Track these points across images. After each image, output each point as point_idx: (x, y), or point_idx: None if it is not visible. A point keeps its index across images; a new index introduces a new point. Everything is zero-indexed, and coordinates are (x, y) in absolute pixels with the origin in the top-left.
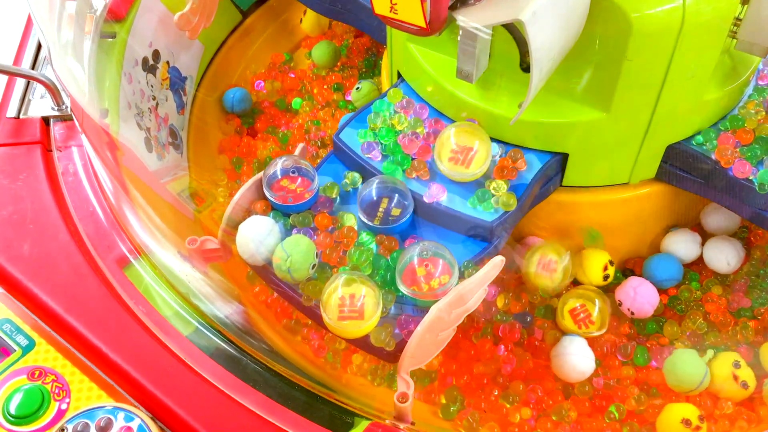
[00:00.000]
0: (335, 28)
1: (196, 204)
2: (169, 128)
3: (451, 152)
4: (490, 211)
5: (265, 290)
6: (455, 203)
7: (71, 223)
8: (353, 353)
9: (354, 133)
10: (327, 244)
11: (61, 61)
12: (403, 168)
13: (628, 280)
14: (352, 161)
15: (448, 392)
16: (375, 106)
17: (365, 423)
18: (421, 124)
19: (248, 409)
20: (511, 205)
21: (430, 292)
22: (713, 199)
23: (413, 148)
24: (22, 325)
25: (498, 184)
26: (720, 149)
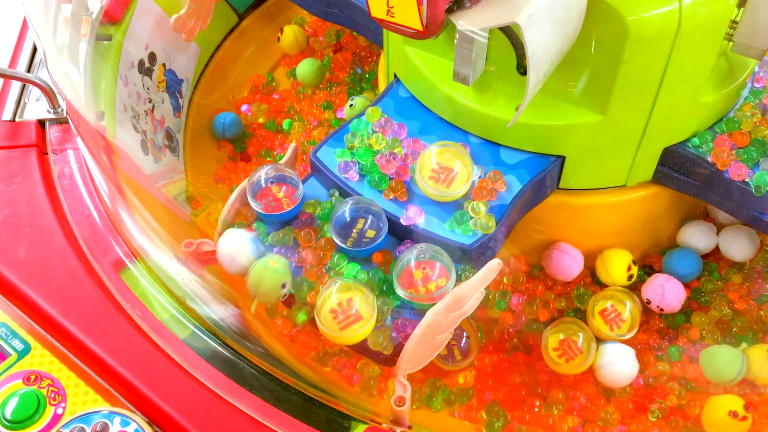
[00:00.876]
0: (313, 44)
1: (192, 207)
2: (165, 131)
3: (432, 171)
4: (468, 234)
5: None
6: (432, 226)
7: (67, 227)
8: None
9: (331, 152)
10: (309, 261)
11: (57, 64)
12: (381, 189)
13: (654, 278)
14: (329, 181)
15: (488, 408)
16: (352, 125)
17: (362, 427)
18: (399, 144)
19: (245, 413)
20: (490, 227)
21: (427, 295)
22: (710, 202)
23: (391, 169)
24: (18, 330)
25: (476, 206)
26: (716, 152)
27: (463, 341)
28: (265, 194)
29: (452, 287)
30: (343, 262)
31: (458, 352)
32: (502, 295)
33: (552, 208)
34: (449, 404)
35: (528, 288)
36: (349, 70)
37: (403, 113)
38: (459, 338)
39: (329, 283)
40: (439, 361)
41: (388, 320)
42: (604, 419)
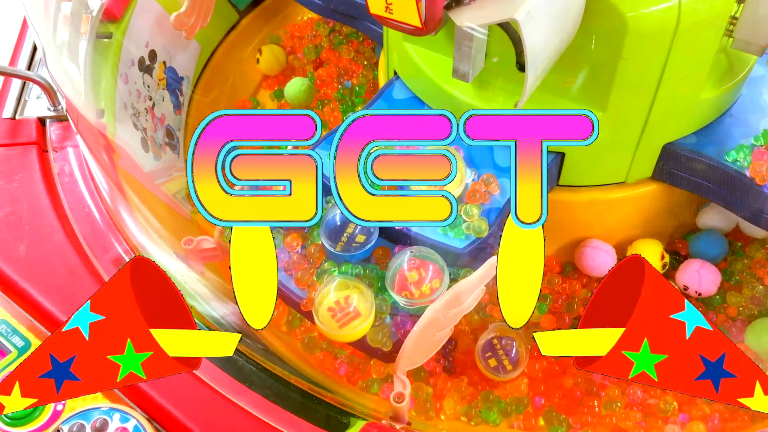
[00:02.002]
0: (293, 62)
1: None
2: (165, 128)
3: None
4: (461, 237)
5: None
6: (425, 229)
7: (67, 224)
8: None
9: (324, 155)
10: (299, 266)
11: (57, 62)
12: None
13: (688, 264)
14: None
15: (546, 415)
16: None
17: (361, 423)
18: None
19: (244, 410)
20: (483, 231)
21: (421, 297)
22: (744, 217)
23: None
24: (18, 326)
25: (470, 209)
26: (754, 166)
27: (513, 351)
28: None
29: (446, 288)
30: (334, 268)
31: (508, 362)
32: (542, 298)
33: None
34: (506, 415)
35: (565, 288)
36: (338, 86)
37: (409, 102)
38: (509, 348)
39: (327, 281)
40: (490, 372)
41: (387, 317)
42: (663, 410)
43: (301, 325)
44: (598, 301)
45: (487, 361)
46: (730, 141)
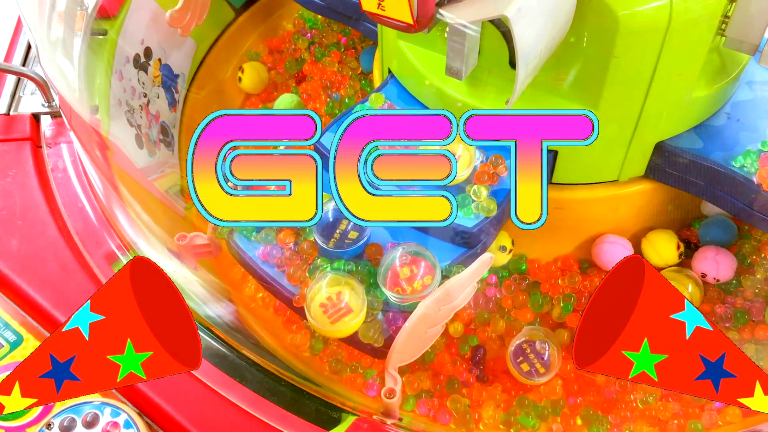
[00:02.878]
0: (275, 78)
1: (185, 200)
2: (160, 125)
3: None
4: (470, 216)
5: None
6: None
7: (60, 219)
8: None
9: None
10: (292, 262)
11: (50, 59)
12: None
13: (703, 252)
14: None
15: (584, 415)
16: (356, 110)
17: (352, 418)
18: None
19: (235, 405)
20: (492, 210)
21: (413, 294)
22: (746, 221)
23: None
24: (10, 321)
25: (478, 189)
26: (761, 172)
27: (545, 354)
28: None
29: (438, 285)
30: (326, 264)
31: (541, 366)
32: (566, 298)
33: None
34: (543, 419)
35: (586, 285)
36: (327, 100)
37: (405, 100)
38: (540, 352)
39: (319, 277)
40: (523, 377)
41: (379, 313)
42: (699, 398)
43: (325, 348)
44: (598, 301)
45: (520, 366)
46: (737, 146)
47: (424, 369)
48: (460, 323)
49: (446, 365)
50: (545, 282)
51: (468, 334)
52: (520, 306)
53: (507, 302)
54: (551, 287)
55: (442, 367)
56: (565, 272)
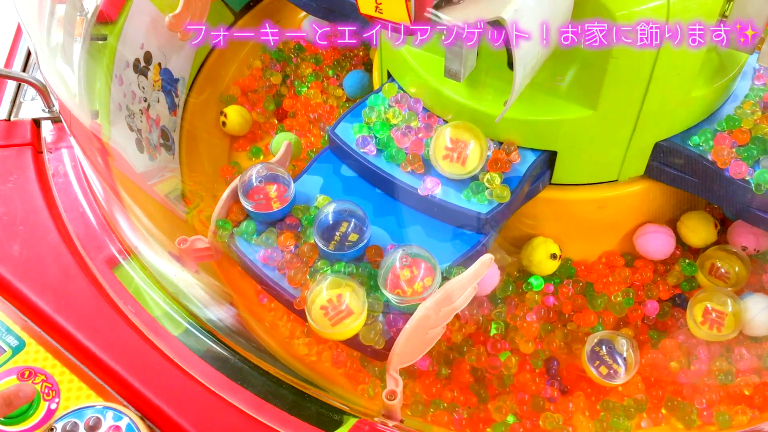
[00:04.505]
0: (257, 118)
1: (186, 204)
2: (160, 129)
3: (446, 149)
4: (484, 203)
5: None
6: (449, 195)
7: (61, 224)
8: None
9: (349, 127)
10: (292, 265)
11: (50, 64)
12: (398, 162)
13: (739, 226)
14: (347, 155)
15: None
16: (370, 100)
17: (353, 420)
18: (416, 118)
19: (237, 408)
20: (505, 197)
21: (414, 295)
22: (710, 199)
23: (407, 142)
24: (12, 326)
25: (492, 177)
26: (716, 150)
27: (623, 353)
28: (257, 193)
29: (438, 286)
30: (326, 266)
31: (618, 366)
32: (625, 293)
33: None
34: (630, 417)
35: (637, 278)
36: (321, 133)
37: None
38: (615, 352)
39: (319, 279)
40: (604, 380)
41: (380, 315)
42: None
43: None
44: None
45: (598, 369)
46: (694, 127)
47: (506, 392)
48: (529, 339)
49: (527, 385)
50: (597, 282)
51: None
52: (579, 309)
53: (567, 308)
54: (604, 286)
55: (525, 387)
56: (612, 268)
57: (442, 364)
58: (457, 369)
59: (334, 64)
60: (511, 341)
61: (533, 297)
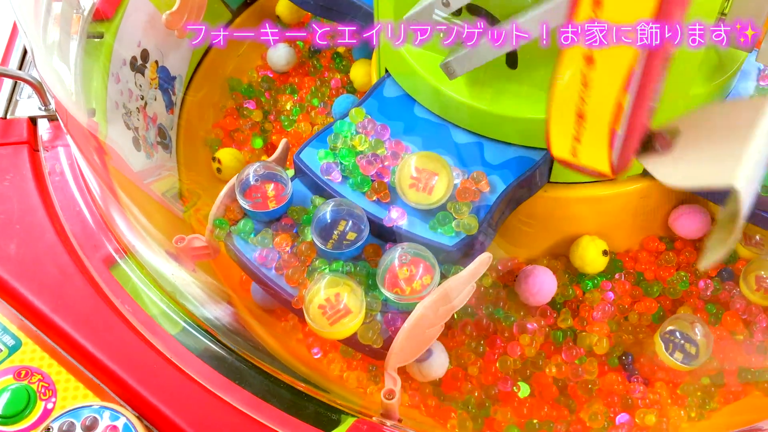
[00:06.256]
0: (250, 159)
1: (183, 203)
2: (157, 127)
3: (412, 179)
4: (450, 235)
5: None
6: (415, 227)
7: (58, 223)
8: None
9: (314, 153)
10: (290, 264)
11: (46, 62)
12: (363, 191)
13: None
14: (312, 182)
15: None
16: (336, 126)
17: (351, 420)
18: (383, 146)
19: (234, 407)
20: (473, 228)
21: (412, 294)
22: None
23: (372, 170)
24: (9, 325)
25: (459, 207)
26: None
27: (697, 336)
28: (254, 191)
29: (437, 285)
30: (324, 265)
31: (693, 349)
32: (679, 277)
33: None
34: (712, 397)
35: (681, 260)
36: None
37: (387, 114)
38: (688, 337)
39: (317, 278)
40: (681, 365)
41: (378, 314)
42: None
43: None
44: None
45: (674, 355)
46: None
47: (592, 397)
48: (602, 337)
49: (611, 385)
50: (647, 270)
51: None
52: (637, 299)
53: (626, 300)
54: (654, 272)
55: (610, 388)
56: (656, 254)
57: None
58: (539, 384)
59: (313, 91)
60: (582, 344)
61: (592, 296)
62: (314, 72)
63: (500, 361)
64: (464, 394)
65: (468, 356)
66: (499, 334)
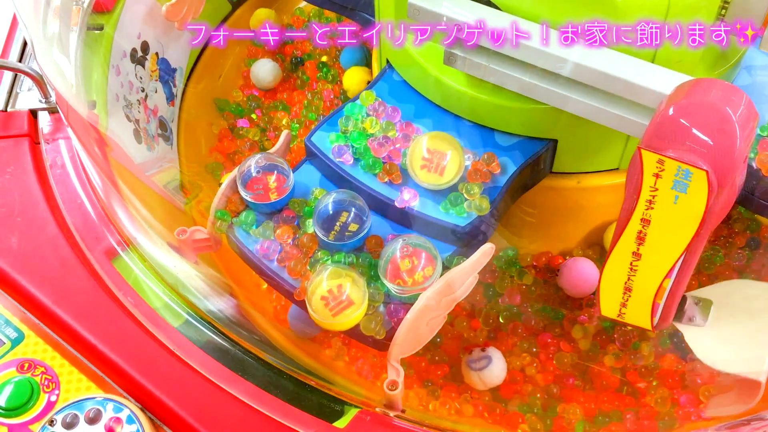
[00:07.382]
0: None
1: (184, 195)
2: (158, 120)
3: (423, 160)
4: (462, 215)
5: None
6: (427, 208)
7: (59, 216)
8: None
9: (325, 136)
10: (292, 256)
11: (46, 55)
12: (375, 172)
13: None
14: (323, 165)
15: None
16: (347, 109)
17: (354, 411)
18: (393, 128)
19: (237, 399)
20: (484, 209)
21: (414, 285)
22: (748, 207)
23: (383, 152)
24: (11, 318)
25: (471, 187)
26: (761, 157)
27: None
28: (256, 183)
29: (439, 276)
30: (326, 257)
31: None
32: (713, 252)
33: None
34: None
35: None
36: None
37: (397, 97)
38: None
39: (319, 270)
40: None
41: (381, 305)
42: None
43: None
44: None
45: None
46: None
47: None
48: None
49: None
50: None
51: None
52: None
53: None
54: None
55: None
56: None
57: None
58: (598, 377)
59: (307, 105)
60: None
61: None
62: (302, 85)
63: (556, 358)
64: (525, 396)
65: (523, 357)
66: (549, 330)
